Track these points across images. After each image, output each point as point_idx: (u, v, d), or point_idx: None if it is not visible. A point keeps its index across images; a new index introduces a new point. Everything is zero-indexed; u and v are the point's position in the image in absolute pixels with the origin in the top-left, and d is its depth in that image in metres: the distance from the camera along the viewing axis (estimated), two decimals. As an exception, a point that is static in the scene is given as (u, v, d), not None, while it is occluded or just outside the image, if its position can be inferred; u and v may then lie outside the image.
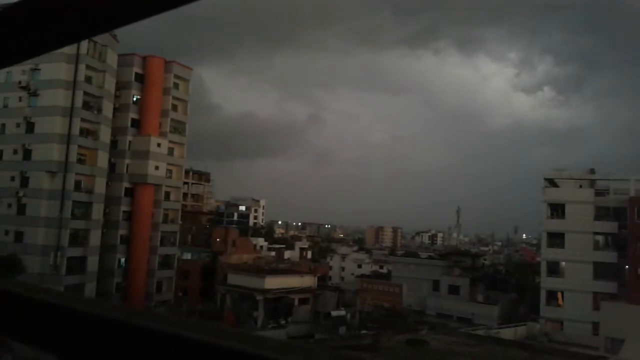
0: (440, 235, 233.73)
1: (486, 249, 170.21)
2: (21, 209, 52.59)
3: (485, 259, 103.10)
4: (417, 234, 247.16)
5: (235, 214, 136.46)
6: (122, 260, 61.10)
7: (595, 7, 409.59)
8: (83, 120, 54.24)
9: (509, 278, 77.98)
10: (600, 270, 54.07)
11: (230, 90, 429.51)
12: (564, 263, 56.11)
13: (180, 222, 70.56)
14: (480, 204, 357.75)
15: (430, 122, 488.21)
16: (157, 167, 63.26)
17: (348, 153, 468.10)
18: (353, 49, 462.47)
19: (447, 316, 58.33)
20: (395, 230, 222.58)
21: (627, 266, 52.11)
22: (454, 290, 66.18)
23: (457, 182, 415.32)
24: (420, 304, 63.01)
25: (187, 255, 75.02)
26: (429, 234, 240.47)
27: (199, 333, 0.68)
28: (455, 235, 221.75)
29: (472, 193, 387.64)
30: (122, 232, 61.25)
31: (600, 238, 55.89)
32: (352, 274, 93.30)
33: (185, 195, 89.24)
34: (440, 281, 67.58)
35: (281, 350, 0.62)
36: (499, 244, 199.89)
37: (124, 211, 61.71)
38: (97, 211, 56.08)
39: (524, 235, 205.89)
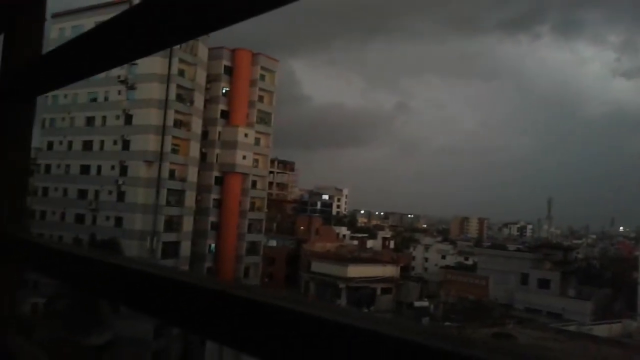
0: (529, 227, 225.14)
1: (579, 242, 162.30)
2: (120, 196, 55.85)
3: (578, 253, 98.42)
4: (505, 225, 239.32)
5: (319, 203, 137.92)
6: (212, 245, 63.59)
7: None
8: (177, 112, 56.58)
9: (604, 272, 74.18)
10: None
11: (322, 81, 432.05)
12: (665, 258, 52.66)
13: (266, 210, 72.45)
14: (575, 195, 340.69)
15: (524, 109, 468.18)
16: (244, 157, 65.18)
17: (436, 142, 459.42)
18: (449, 35, 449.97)
19: (536, 311, 56.30)
20: (481, 221, 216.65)
21: None
22: (543, 284, 63.67)
23: (550, 172, 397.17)
24: (508, 297, 61.18)
25: (273, 243, 76.80)
26: (518, 225, 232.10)
27: (300, 305, 0.71)
28: (545, 227, 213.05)
29: (565, 183, 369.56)
30: (212, 219, 63.65)
31: None
32: (436, 265, 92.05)
33: (270, 183, 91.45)
34: (529, 274, 65.19)
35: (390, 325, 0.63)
36: (594, 236, 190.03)
37: (213, 199, 64.11)
38: (190, 199, 58.44)
39: (621, 228, 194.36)
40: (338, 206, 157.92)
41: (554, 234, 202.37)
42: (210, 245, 63.31)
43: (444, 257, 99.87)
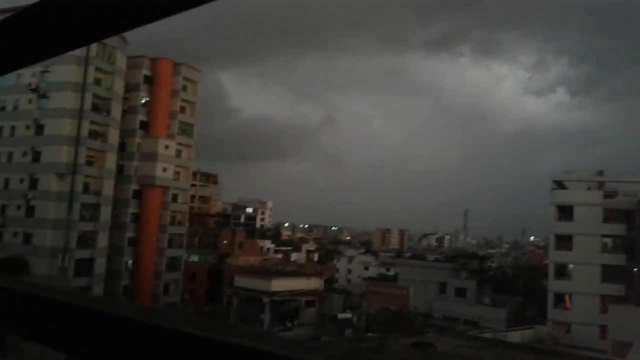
0: (447, 237, 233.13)
1: (493, 251, 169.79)
2: (30, 211, 52.88)
3: (492, 262, 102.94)
4: (424, 236, 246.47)
5: (243, 216, 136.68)
6: (130, 262, 61.34)
7: (611, 8, 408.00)
8: (92, 122, 54.55)
9: (516, 280, 77.77)
10: (609, 273, 53.79)
11: (251, 94, 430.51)
12: (572, 265, 55.87)
13: (187, 224, 70.80)
14: (489, 207, 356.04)
15: (444, 124, 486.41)
16: (165, 169, 63.52)
17: (359, 155, 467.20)
18: (377, 52, 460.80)
19: (454, 319, 58.17)
20: (402, 233, 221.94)
21: (635, 269, 51.82)
22: (460, 292, 66.02)
23: (466, 185, 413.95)
24: (427, 306, 62.87)
25: (194, 258, 75.21)
26: (436, 236, 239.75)
27: (210, 331, 0.68)
28: (462, 237, 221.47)
29: (481, 196, 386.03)
30: (129, 234, 61.53)
31: (608, 240, 55.67)
32: (359, 277, 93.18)
33: (192, 197, 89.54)
34: (447, 284, 67.42)
35: (289, 347, 0.62)
36: (507, 246, 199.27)
37: (131, 213, 62.03)
38: (105, 213, 56.32)
39: (532, 237, 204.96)
40: (262, 219, 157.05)
41: (470, 244, 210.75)
42: (127, 262, 60.99)
43: (366, 269, 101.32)
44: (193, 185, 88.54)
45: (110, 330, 0.81)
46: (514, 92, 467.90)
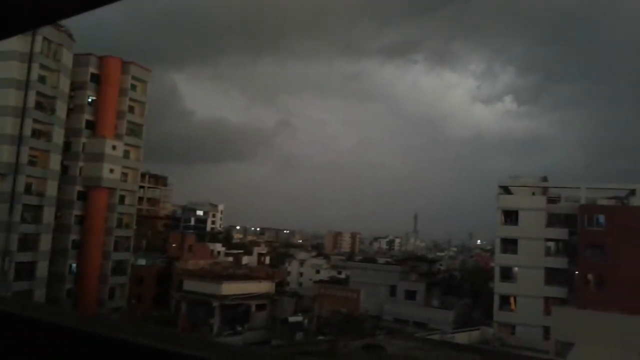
0: (397, 240, 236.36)
1: (442, 254, 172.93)
2: (-34, 213, 50.55)
3: (441, 265, 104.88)
4: (375, 239, 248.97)
5: (193, 219, 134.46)
6: (74, 265, 59.45)
7: (557, 20, 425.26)
8: (35, 121, 52.62)
9: (464, 283, 79.45)
10: (552, 276, 55.59)
11: (206, 97, 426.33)
12: (516, 268, 57.43)
13: (135, 226, 69.10)
14: (438, 211, 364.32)
15: (396, 129, 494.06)
16: (111, 170, 61.83)
17: (312, 159, 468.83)
18: (335, 58, 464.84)
19: (403, 321, 58.86)
20: (353, 236, 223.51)
21: (577, 272, 53.73)
22: (410, 295, 66.86)
23: (416, 189, 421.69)
24: (378, 309, 63.36)
25: (142, 261, 73.41)
26: (387, 239, 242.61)
27: (154, 340, 0.66)
28: (412, 241, 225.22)
29: (430, 200, 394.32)
30: (74, 236, 59.66)
31: (551, 244, 57.49)
32: (310, 280, 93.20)
33: (140, 199, 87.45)
34: (397, 286, 68.17)
35: (240, 356, 0.63)
36: (455, 249, 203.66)
37: (76, 215, 60.13)
38: (48, 215, 54.41)
39: (479, 241, 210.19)
40: (213, 222, 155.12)
41: (420, 247, 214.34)
42: (71, 265, 59.04)
43: (318, 272, 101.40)
44: (142, 187, 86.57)
45: (51, 341, 0.74)
46: (464, 100, 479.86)
